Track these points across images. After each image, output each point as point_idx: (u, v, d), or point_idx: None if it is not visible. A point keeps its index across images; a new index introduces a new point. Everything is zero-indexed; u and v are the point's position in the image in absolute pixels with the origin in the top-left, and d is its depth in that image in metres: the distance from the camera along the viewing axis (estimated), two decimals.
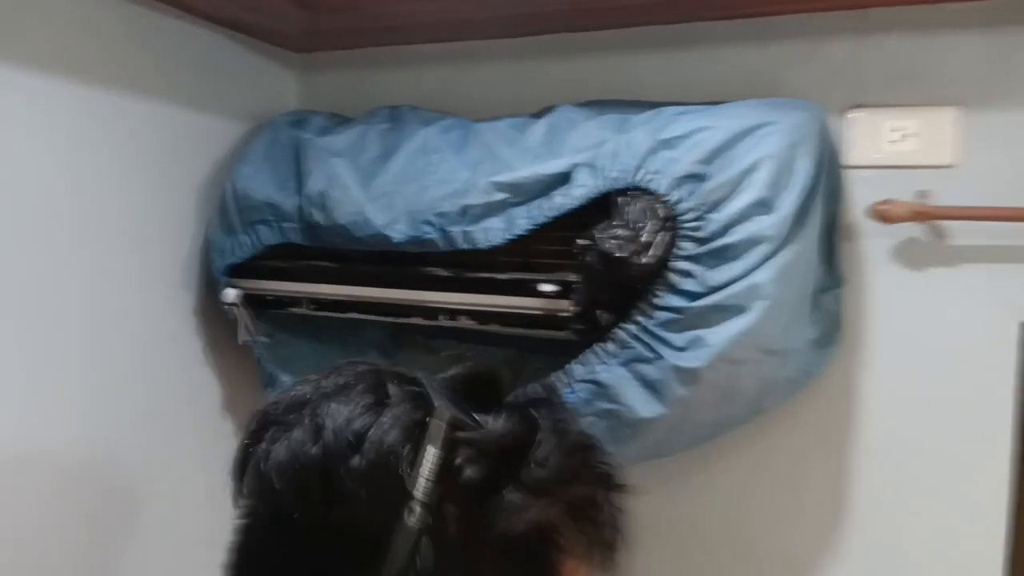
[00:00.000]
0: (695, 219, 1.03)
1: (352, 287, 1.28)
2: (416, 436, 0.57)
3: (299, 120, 1.42)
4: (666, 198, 1.03)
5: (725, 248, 1.02)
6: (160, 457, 1.37)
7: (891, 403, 1.19)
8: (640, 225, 1.02)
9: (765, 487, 1.26)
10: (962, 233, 1.15)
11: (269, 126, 1.43)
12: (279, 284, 1.34)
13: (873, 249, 1.20)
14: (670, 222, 1.03)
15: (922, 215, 1.13)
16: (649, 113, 1.16)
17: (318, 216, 1.24)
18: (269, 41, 1.54)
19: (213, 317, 1.43)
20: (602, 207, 1.09)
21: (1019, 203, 1.11)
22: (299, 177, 1.30)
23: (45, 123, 1.18)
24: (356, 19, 1.42)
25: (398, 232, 1.18)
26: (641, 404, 1.04)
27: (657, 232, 1.02)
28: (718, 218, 1.02)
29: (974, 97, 1.15)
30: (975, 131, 1.15)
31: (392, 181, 1.24)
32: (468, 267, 1.20)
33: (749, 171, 1.03)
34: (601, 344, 1.06)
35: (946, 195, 1.14)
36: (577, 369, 1.08)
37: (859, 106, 1.20)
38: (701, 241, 1.03)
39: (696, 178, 1.04)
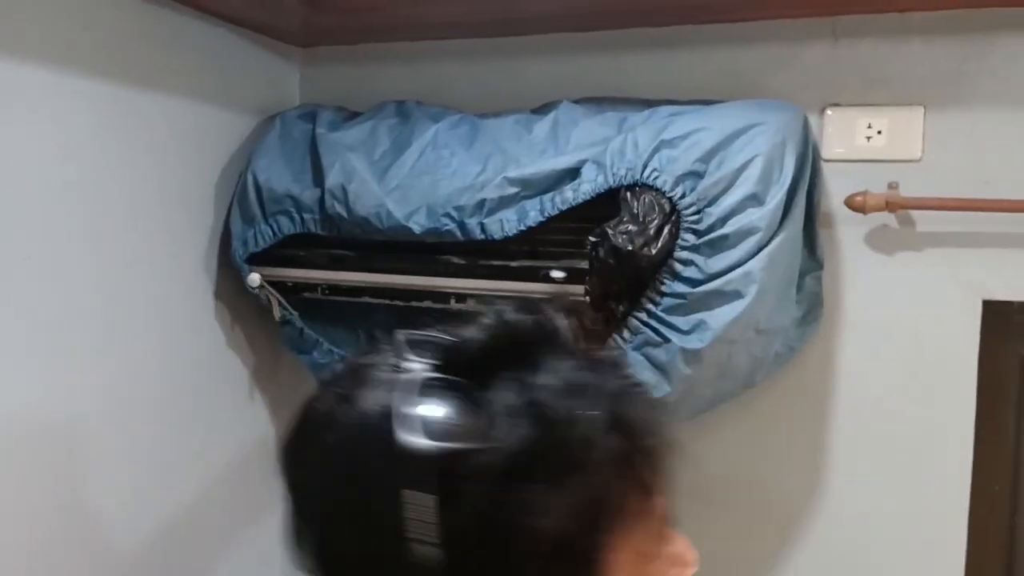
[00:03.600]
0: (695, 212, 1.14)
1: (368, 274, 1.37)
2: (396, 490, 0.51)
3: (309, 114, 1.49)
4: (670, 194, 1.14)
5: (722, 238, 1.13)
6: (180, 431, 1.45)
7: (866, 375, 1.32)
8: (648, 219, 1.13)
9: (755, 452, 1.38)
10: (929, 221, 1.27)
11: (279, 119, 1.50)
12: (297, 271, 1.41)
13: (849, 235, 1.32)
14: (673, 215, 1.14)
15: (893, 205, 1.25)
16: (646, 112, 1.26)
17: (340, 208, 1.32)
18: (273, 36, 1.60)
19: (231, 301, 1.51)
20: (604, 198, 1.20)
21: (979, 194, 1.23)
22: (316, 170, 1.38)
23: (64, 119, 1.23)
24: (356, 16, 1.50)
25: (418, 224, 1.27)
26: (652, 385, 1.15)
27: (663, 226, 1.13)
28: (715, 211, 1.13)
29: (939, 97, 1.27)
30: (940, 128, 1.27)
31: (406, 174, 1.32)
32: (480, 255, 1.29)
33: (742, 168, 1.14)
34: (617, 333, 1.17)
35: (914, 186, 1.26)
36: None
37: (835, 105, 1.32)
38: (700, 233, 1.14)
39: (695, 175, 1.15)
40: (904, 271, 1.29)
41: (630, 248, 1.12)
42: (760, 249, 1.13)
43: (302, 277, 1.43)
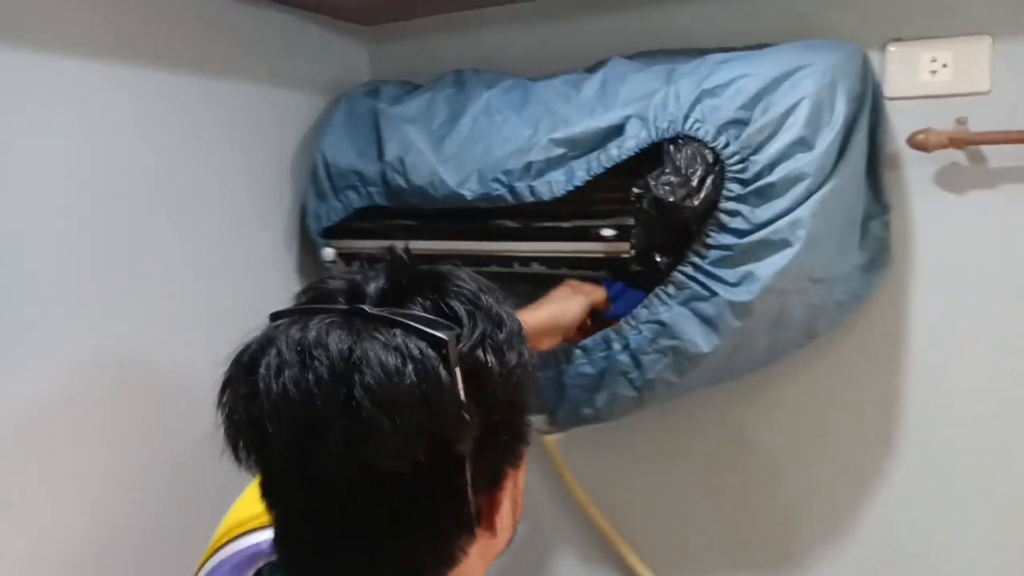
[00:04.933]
0: (740, 161, 1.11)
1: (434, 241, 1.40)
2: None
3: (373, 90, 1.53)
4: (712, 144, 1.12)
5: (769, 187, 1.10)
6: None
7: (939, 321, 1.26)
8: (690, 171, 1.11)
9: (822, 406, 1.35)
10: (1001, 156, 1.21)
11: (345, 98, 1.55)
12: (368, 242, 1.46)
13: (916, 176, 1.26)
14: (717, 166, 1.12)
15: (958, 141, 1.19)
16: (694, 62, 1.24)
17: (399, 180, 1.36)
18: (338, 16, 1.65)
19: (312, 274, 1.57)
20: (653, 154, 1.19)
21: None
22: (378, 144, 1.42)
23: (146, 111, 1.31)
24: None
25: (470, 190, 1.29)
26: (701, 339, 1.14)
27: (705, 176, 1.11)
28: (760, 159, 1.11)
29: (1007, 25, 1.19)
30: (1009, 58, 1.19)
31: (461, 142, 1.35)
32: (533, 217, 1.31)
33: (788, 112, 1.11)
34: (662, 287, 1.16)
35: (983, 121, 1.19)
36: (642, 312, 1.18)
37: (897, 40, 1.26)
38: (746, 182, 1.11)
39: (739, 123, 1.12)
40: (976, 211, 1.22)
41: (672, 199, 1.11)
42: (810, 195, 1.10)
43: (374, 248, 1.47)
